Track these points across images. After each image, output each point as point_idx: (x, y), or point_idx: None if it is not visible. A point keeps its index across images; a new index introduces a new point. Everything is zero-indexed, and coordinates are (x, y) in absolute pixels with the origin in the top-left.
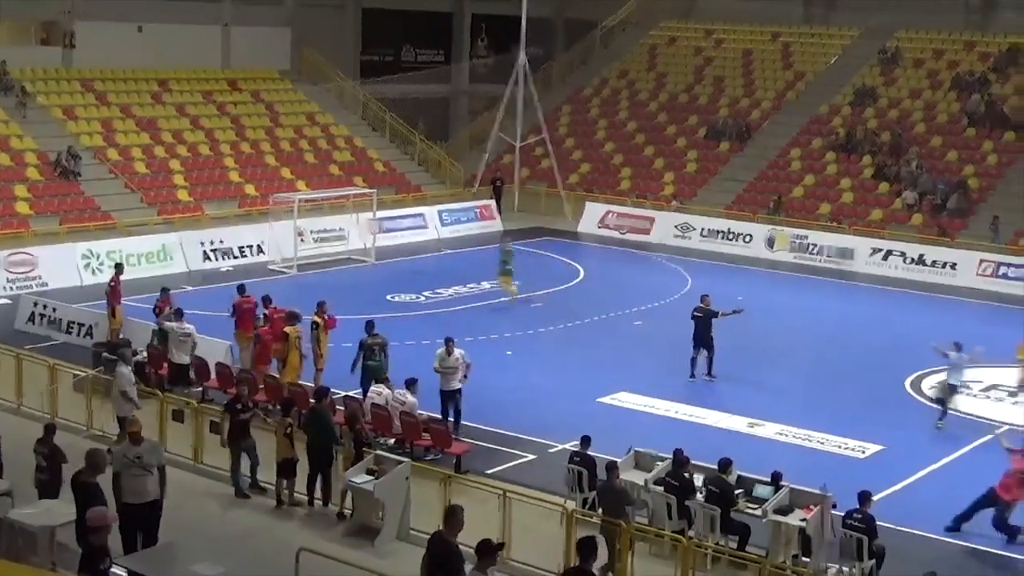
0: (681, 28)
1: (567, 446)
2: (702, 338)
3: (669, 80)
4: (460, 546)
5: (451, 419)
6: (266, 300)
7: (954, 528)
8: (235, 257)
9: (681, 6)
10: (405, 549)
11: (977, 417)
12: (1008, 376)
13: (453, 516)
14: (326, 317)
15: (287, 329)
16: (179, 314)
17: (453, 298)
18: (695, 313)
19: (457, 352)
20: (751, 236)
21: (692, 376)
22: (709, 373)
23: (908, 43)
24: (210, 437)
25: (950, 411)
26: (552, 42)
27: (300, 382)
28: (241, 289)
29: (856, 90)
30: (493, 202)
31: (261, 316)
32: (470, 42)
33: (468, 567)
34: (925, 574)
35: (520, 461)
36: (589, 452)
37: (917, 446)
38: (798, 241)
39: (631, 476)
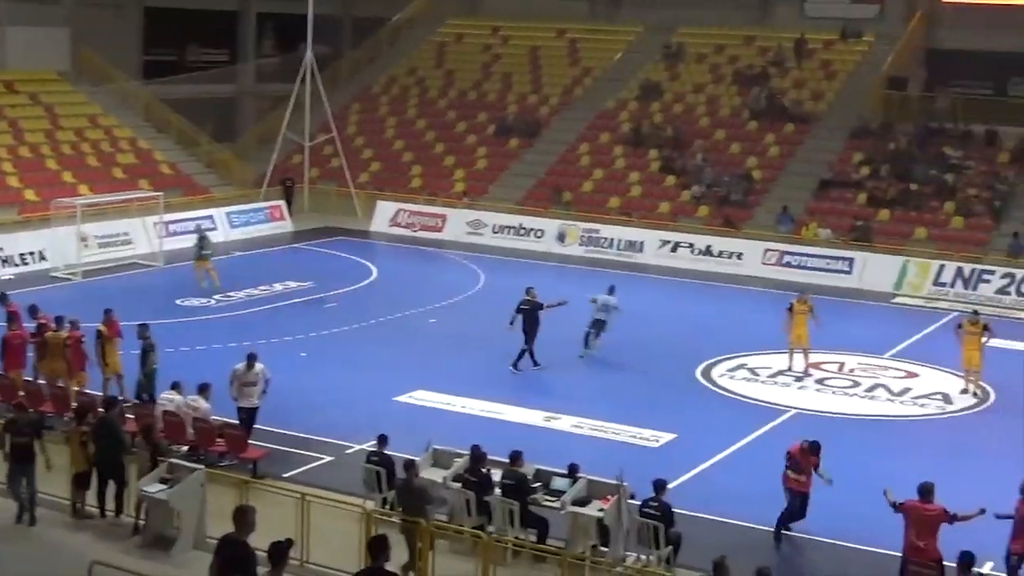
0: (468, 25)
1: (365, 446)
2: (529, 330)
3: (458, 77)
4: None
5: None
6: (32, 309)
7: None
8: (16, 265)
9: (467, 4)
10: (202, 558)
11: (765, 403)
12: (786, 361)
13: (242, 516)
14: (110, 326)
15: (47, 335)
16: None
17: (245, 301)
18: (522, 306)
19: (258, 367)
20: (543, 231)
21: (536, 364)
22: (515, 366)
23: (691, 39)
24: None
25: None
26: (340, 40)
27: (87, 391)
28: (3, 299)
29: (641, 85)
30: (283, 203)
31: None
32: (256, 41)
33: (262, 571)
34: (717, 558)
35: (318, 463)
36: (387, 451)
37: (709, 433)
38: (589, 235)
39: (430, 474)
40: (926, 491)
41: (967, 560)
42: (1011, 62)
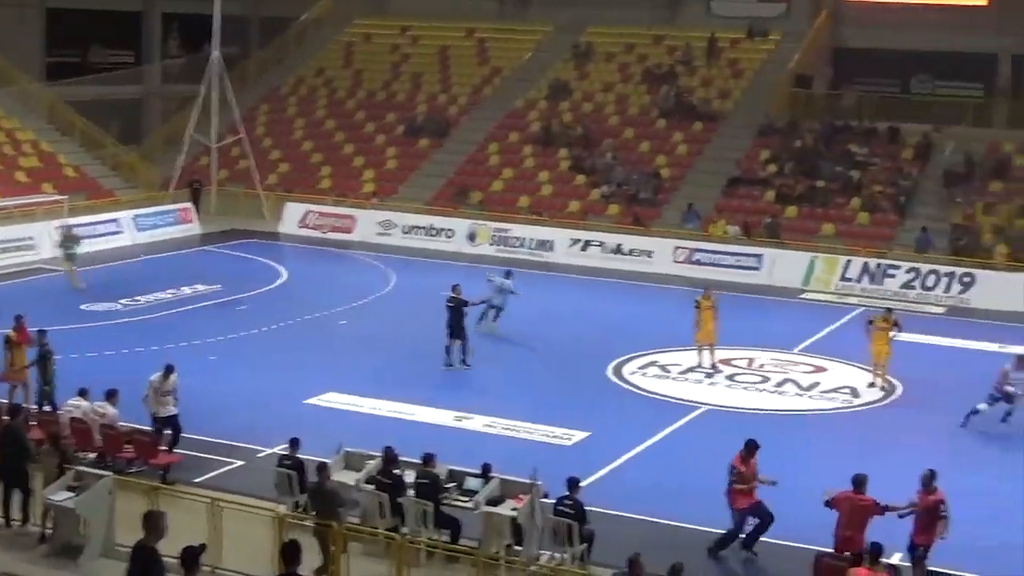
0: (376, 25)
1: (276, 450)
2: (454, 327)
3: (366, 77)
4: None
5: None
6: None
7: None
8: None
9: (375, 3)
10: (111, 566)
11: (677, 399)
12: (696, 358)
13: (151, 521)
14: (19, 332)
15: None
16: None
17: (153, 304)
18: (448, 303)
19: (173, 377)
20: (453, 231)
21: (448, 364)
22: (464, 361)
23: (600, 38)
24: None
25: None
26: (247, 40)
27: None
28: None
29: (551, 85)
30: (191, 205)
31: None
32: (161, 41)
33: None
34: (632, 555)
35: (229, 467)
36: (298, 455)
37: (622, 431)
38: (499, 235)
39: (342, 476)
40: (859, 482)
41: (876, 551)
42: (914, 60)
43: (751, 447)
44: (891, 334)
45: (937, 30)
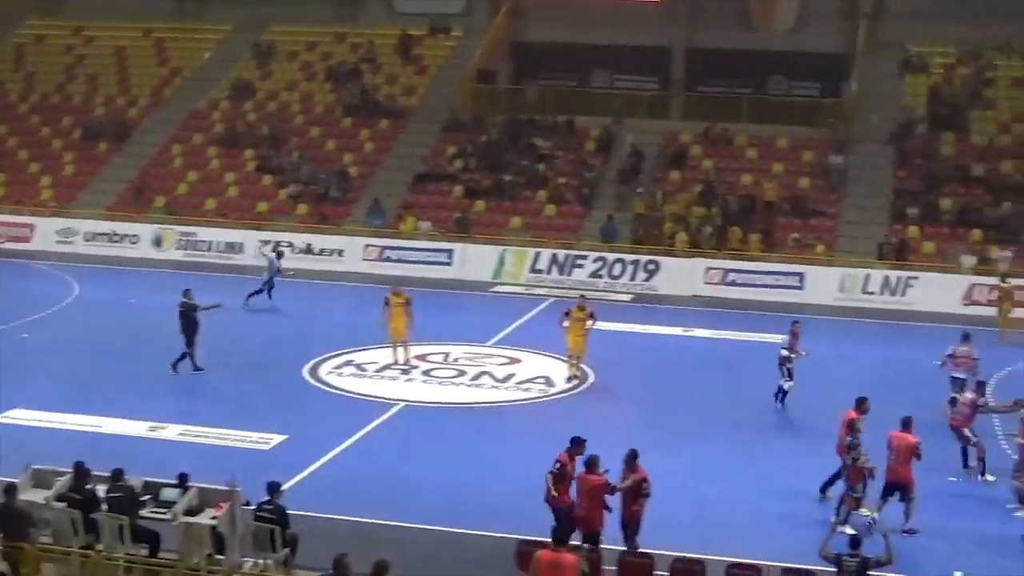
0: (49, 26)
1: None
2: (187, 332)
3: (39, 80)
4: None
5: None
6: None
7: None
8: None
9: (48, 4)
10: None
11: (374, 397)
12: (391, 355)
13: None
14: None
15: None
16: None
17: None
18: (179, 308)
19: None
20: (138, 236)
21: (197, 369)
22: (176, 366)
23: (282, 37)
24: None
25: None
26: None
27: None
28: None
29: (233, 84)
30: None
31: None
32: None
33: None
34: (337, 556)
35: None
36: None
37: (321, 432)
38: (186, 238)
39: (31, 495)
40: (592, 463)
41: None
42: (593, 54)
43: (592, 463)
44: (587, 324)
45: (614, 25)
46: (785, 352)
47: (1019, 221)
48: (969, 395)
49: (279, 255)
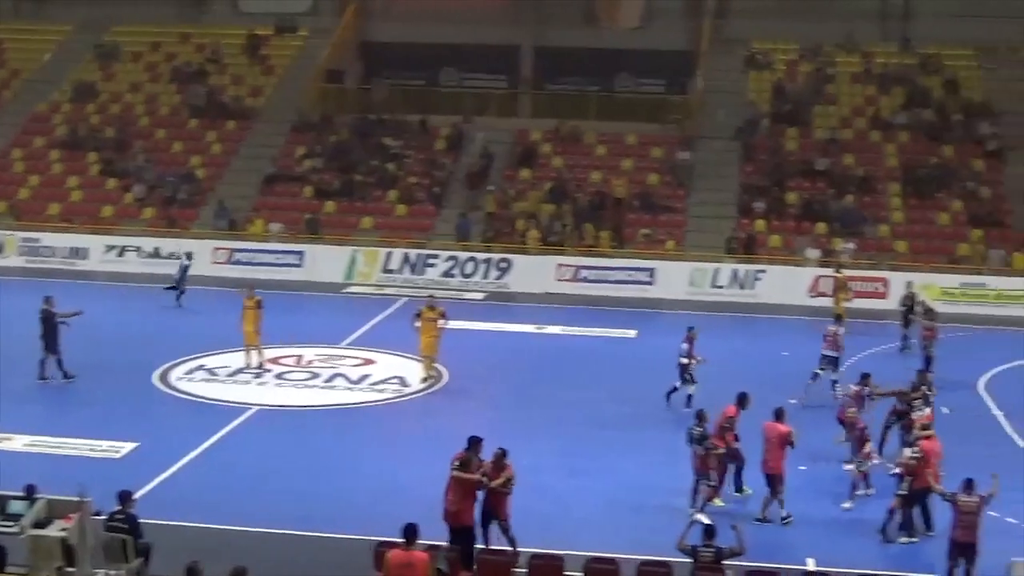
0: None
1: None
2: (46, 339)
3: None
4: None
5: None
6: None
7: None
8: None
9: None
10: None
11: (227, 402)
12: (244, 359)
13: None
14: None
15: None
16: None
17: None
18: (40, 315)
19: None
20: None
21: (43, 378)
22: (63, 375)
23: (125, 37)
24: None
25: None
26: None
27: None
28: None
29: (75, 86)
30: None
31: None
32: None
33: None
34: (190, 563)
35: None
36: None
37: (172, 438)
38: (28, 245)
39: None
40: (465, 462)
41: (410, 533)
42: (442, 53)
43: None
44: (439, 325)
45: (462, 23)
46: (685, 360)
47: (861, 214)
48: (853, 387)
49: (188, 256)
